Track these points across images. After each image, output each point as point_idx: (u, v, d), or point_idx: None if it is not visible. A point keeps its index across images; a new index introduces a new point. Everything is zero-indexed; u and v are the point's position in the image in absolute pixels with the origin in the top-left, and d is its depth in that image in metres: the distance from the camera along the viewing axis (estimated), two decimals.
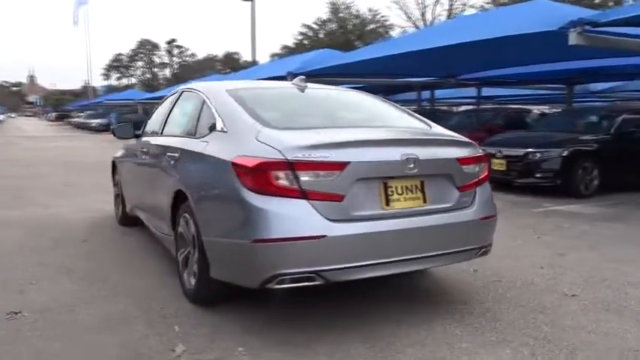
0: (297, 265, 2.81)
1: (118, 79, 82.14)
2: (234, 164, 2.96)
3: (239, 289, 3.23)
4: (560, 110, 15.02)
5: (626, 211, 7.16)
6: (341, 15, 47.45)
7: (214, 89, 3.93)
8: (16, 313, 3.41)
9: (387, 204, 3.04)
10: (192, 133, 3.82)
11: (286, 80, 10.98)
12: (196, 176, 3.40)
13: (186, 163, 3.60)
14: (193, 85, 4.43)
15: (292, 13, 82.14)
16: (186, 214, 3.51)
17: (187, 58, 79.81)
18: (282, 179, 2.82)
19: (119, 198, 6.17)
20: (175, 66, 79.59)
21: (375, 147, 3.09)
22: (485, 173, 3.49)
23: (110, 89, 70.20)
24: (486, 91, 20.57)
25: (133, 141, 5.85)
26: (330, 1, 48.26)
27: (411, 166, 3.06)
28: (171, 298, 3.66)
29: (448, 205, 3.24)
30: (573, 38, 7.04)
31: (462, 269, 4.22)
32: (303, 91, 4.05)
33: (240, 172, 2.91)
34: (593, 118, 9.64)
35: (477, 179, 3.40)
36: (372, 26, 47.40)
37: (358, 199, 2.94)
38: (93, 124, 38.98)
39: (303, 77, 4.08)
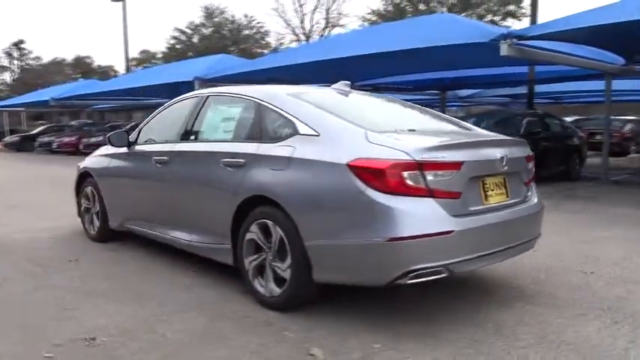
0: (429, 260, 2.97)
1: None
2: (354, 167, 3.03)
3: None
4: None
5: (556, 201, 8.16)
6: (216, 20, 46.76)
7: (274, 94, 3.88)
8: (93, 339, 3.12)
9: (486, 199, 3.32)
10: (256, 138, 3.74)
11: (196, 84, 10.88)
12: (289, 181, 3.35)
13: (263, 168, 3.53)
14: (228, 89, 4.32)
15: (149, 17, 78.70)
16: (267, 220, 3.47)
17: (31, 62, 72.66)
18: (411, 179, 2.97)
19: (90, 212, 5.70)
20: (17, 70, 72.06)
21: (479, 148, 3.38)
22: (534, 170, 3.92)
23: None
24: None
25: (106, 150, 5.48)
26: (204, 6, 47.46)
27: (504, 164, 3.38)
28: (246, 308, 3.56)
29: (520, 199, 3.61)
30: (504, 49, 7.92)
31: None
32: (347, 96, 4.17)
33: (366, 174, 2.99)
34: (504, 121, 10.82)
35: (532, 175, 3.82)
36: (247, 32, 47.37)
37: (468, 195, 3.18)
38: None
39: (348, 82, 4.19)
